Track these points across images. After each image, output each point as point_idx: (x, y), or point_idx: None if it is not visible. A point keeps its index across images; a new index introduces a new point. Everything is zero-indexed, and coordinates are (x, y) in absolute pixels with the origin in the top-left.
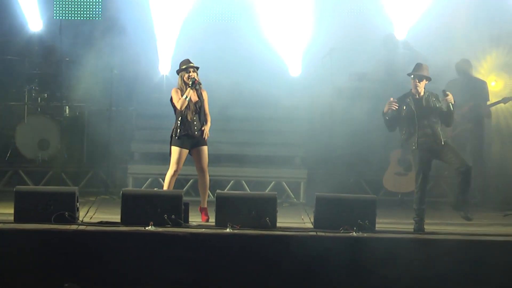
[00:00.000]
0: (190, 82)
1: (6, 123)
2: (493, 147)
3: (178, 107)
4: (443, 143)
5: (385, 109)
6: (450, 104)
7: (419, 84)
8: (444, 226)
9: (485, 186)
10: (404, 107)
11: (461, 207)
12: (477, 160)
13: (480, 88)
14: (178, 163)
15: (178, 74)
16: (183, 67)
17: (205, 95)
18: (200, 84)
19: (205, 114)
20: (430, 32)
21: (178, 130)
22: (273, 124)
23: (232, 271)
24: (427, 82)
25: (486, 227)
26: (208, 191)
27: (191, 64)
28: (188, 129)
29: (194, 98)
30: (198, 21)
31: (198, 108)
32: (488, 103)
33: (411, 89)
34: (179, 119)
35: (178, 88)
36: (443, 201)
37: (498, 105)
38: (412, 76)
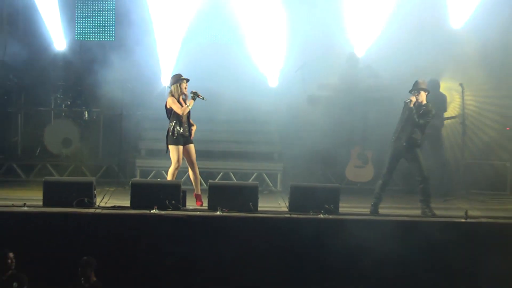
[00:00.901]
0: (192, 95)
1: (36, 125)
2: None
3: (180, 112)
4: (405, 143)
5: None
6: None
7: (418, 96)
8: (395, 210)
9: (443, 177)
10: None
11: (422, 207)
12: (438, 158)
13: (442, 101)
14: (180, 159)
15: (172, 85)
16: (179, 78)
17: (190, 103)
18: (203, 98)
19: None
20: (386, 51)
21: (176, 130)
22: (255, 126)
23: (221, 247)
24: (426, 93)
25: None
26: (201, 180)
27: (183, 77)
28: (183, 130)
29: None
30: (194, 41)
31: (188, 113)
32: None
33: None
34: (175, 121)
35: (174, 97)
36: (394, 189)
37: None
38: (412, 91)
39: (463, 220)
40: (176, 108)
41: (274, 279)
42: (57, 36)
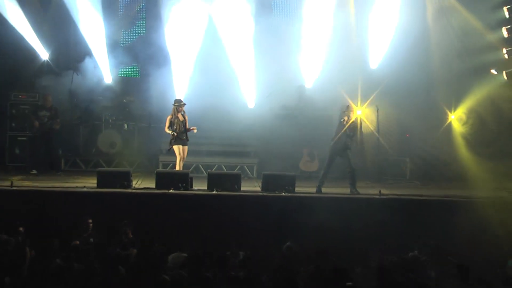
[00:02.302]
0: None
1: (92, 133)
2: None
3: (165, 130)
4: (343, 147)
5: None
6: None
7: (349, 116)
8: (332, 189)
9: (363, 167)
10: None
11: (351, 188)
12: (360, 153)
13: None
14: (180, 153)
15: (173, 105)
16: (176, 104)
17: (186, 117)
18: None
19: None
20: (325, 83)
21: (173, 136)
22: (239, 134)
23: (216, 214)
24: (352, 112)
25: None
26: (202, 169)
27: (182, 103)
28: (178, 135)
29: (181, 118)
30: (200, 71)
31: (184, 125)
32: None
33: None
34: (172, 130)
35: (170, 115)
36: (332, 176)
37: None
38: (345, 112)
39: (377, 196)
40: (166, 125)
41: (252, 236)
42: (106, 73)
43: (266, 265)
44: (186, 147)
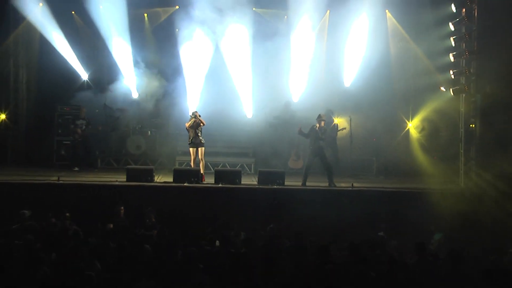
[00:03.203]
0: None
1: (122, 138)
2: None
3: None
4: (319, 149)
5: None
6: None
7: (320, 123)
8: (314, 183)
9: (337, 166)
10: (313, 131)
11: (329, 182)
12: (335, 155)
13: (335, 124)
14: (193, 154)
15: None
16: (192, 116)
17: (201, 122)
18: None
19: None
20: (309, 98)
21: (189, 139)
22: (240, 138)
23: (222, 204)
24: (324, 121)
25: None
26: (210, 166)
27: (198, 114)
28: (193, 139)
29: (195, 127)
30: (209, 87)
31: (197, 131)
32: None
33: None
34: (188, 135)
35: (189, 122)
36: (313, 172)
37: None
38: (317, 120)
39: (350, 188)
40: (187, 124)
41: (251, 218)
42: (133, 89)
43: (258, 242)
44: (200, 149)
